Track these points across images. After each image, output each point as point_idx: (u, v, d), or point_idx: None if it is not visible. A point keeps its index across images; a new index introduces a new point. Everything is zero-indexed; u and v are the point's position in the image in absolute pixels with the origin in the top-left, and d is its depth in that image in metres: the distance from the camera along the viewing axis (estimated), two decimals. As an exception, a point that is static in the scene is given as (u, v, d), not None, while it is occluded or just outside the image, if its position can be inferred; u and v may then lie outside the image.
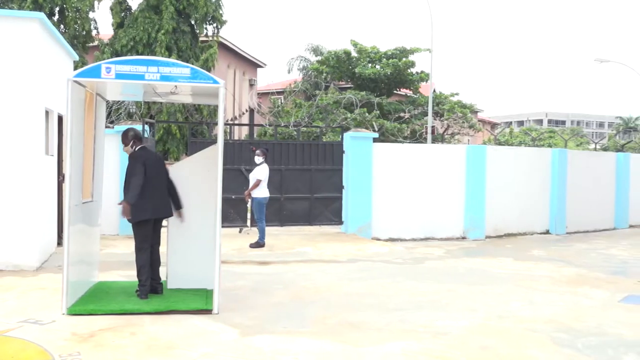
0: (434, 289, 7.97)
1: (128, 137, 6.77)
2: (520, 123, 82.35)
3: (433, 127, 23.08)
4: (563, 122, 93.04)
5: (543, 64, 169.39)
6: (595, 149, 22.30)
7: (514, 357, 5.16)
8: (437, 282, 8.44)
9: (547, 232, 15.01)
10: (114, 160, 11.80)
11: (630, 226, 17.31)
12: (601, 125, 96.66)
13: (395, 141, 19.87)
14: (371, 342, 5.50)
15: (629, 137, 46.95)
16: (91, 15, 20.51)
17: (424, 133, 22.76)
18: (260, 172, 11.24)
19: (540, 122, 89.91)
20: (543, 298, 7.55)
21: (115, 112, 14.59)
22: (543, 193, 15.06)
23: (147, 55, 18.66)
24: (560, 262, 10.60)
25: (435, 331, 5.91)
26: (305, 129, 21.55)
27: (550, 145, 31.58)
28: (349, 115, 22.44)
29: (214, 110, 19.36)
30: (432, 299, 7.37)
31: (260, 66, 36.22)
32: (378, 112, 23.56)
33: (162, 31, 19.28)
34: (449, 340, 5.63)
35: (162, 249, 7.01)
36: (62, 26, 19.76)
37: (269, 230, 12.27)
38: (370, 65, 26.46)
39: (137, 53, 19.33)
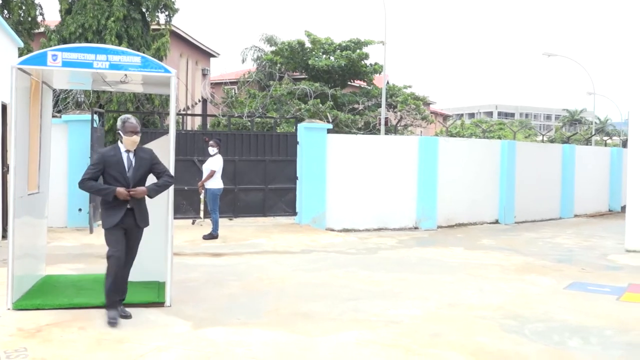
0: (387, 279, 8.06)
1: None
2: (471, 115, 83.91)
3: (386, 118, 23.25)
4: (512, 115, 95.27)
5: (493, 57, 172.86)
6: (542, 141, 22.92)
7: (463, 344, 5.28)
8: (390, 272, 8.55)
9: (497, 222, 15.37)
10: (61, 150, 11.48)
11: (576, 215, 17.89)
12: (548, 117, 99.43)
13: (349, 132, 19.95)
14: (325, 332, 5.53)
15: (575, 129, 48.48)
16: (37, 0, 19.82)
17: (378, 124, 22.93)
18: (215, 163, 11.12)
19: (490, 114, 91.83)
20: (492, 286, 7.74)
21: (62, 101, 14.16)
22: (493, 183, 15.40)
23: (97, 43, 18.16)
24: (509, 251, 10.88)
25: (387, 320, 5.99)
26: (259, 119, 21.42)
27: (499, 137, 32.33)
28: (303, 106, 22.40)
29: (165, 100, 19.01)
30: (385, 289, 7.45)
31: (213, 56, 35.79)
32: (332, 103, 23.60)
33: (112, 18, 18.78)
34: (401, 328, 5.71)
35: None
36: (5, 12, 19.04)
37: (223, 221, 12.17)
38: (324, 56, 26.45)
39: (86, 40, 18.78)
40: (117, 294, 5.76)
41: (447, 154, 14.34)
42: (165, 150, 6.44)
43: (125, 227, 5.77)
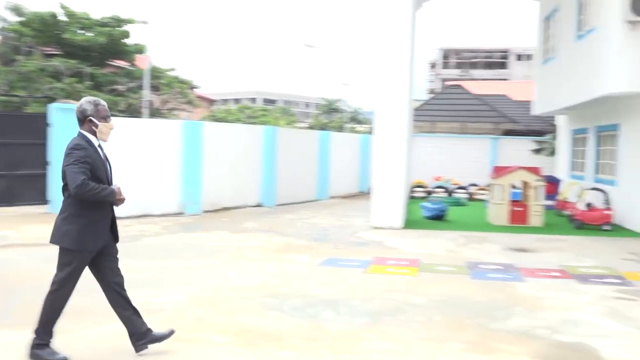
0: (151, 266, 7.91)
1: None
2: (237, 101, 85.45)
3: (150, 101, 22.59)
4: (275, 102, 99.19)
5: (258, 45, 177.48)
6: (302, 128, 24.35)
7: (227, 325, 5.43)
8: (154, 259, 8.40)
9: (260, 205, 15.95)
10: None
11: (331, 197, 19.36)
12: (308, 105, 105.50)
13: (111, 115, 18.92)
14: (84, 326, 5.27)
15: (331, 118, 52.30)
16: None
17: (141, 107, 22.15)
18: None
19: (254, 100, 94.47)
20: (255, 267, 8.06)
21: None
22: (256, 168, 15.93)
23: None
24: (270, 233, 11.38)
25: (151, 308, 5.87)
26: (3, 98, 19.22)
27: (263, 123, 33.53)
28: (56, 84, 20.65)
29: None
30: (149, 277, 7.30)
31: (-56, 22, 31.02)
32: (91, 83, 22.15)
33: None
34: (165, 315, 5.67)
35: None
36: None
37: (-41, 212, 10.75)
38: (81, 31, 24.63)
39: None
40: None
41: (212, 139, 14.43)
42: None
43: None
